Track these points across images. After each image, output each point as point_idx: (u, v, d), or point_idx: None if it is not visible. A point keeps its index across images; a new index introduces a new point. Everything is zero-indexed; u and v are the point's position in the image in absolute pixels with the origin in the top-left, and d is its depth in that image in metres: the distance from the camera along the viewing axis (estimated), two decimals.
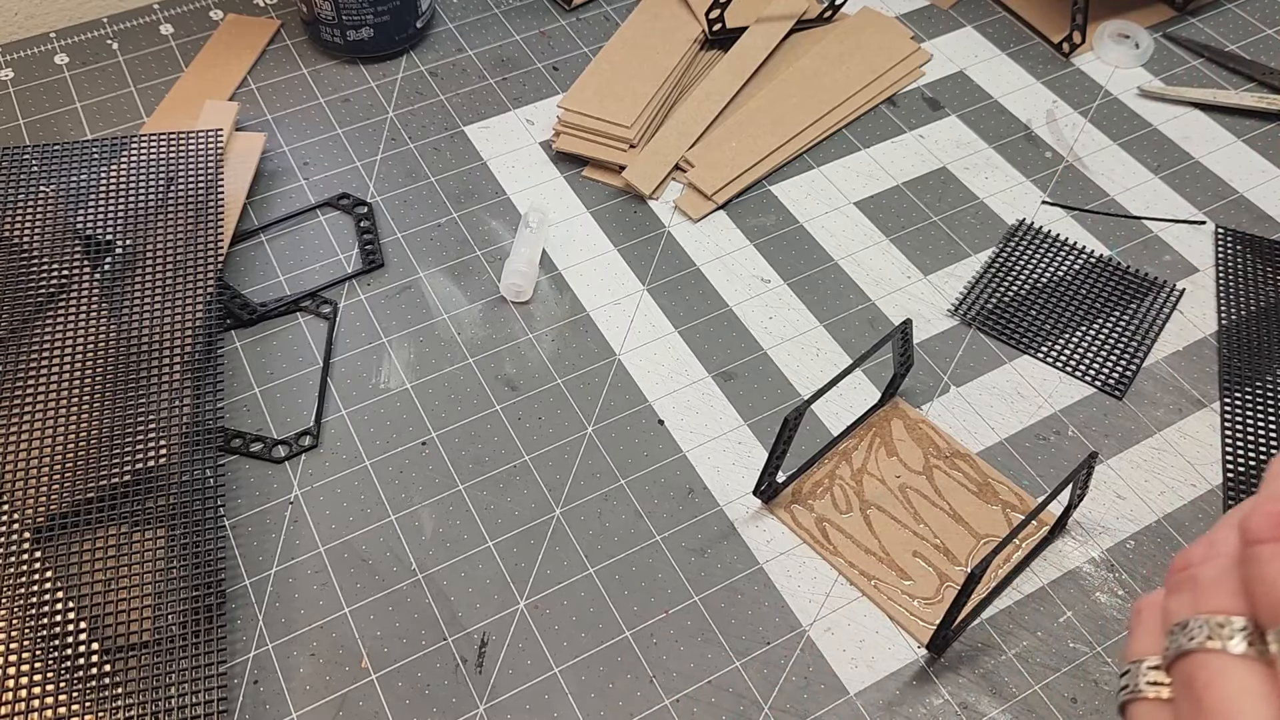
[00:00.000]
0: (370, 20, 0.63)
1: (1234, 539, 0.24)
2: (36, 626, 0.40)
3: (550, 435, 0.49)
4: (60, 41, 0.65)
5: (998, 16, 0.69)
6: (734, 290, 0.55)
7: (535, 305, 0.54)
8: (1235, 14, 0.69)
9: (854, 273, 0.55)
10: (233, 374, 0.51)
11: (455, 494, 0.47)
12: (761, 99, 0.62)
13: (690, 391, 0.51)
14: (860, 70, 0.64)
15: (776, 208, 0.58)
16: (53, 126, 0.61)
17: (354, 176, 0.59)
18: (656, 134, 0.61)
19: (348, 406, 0.50)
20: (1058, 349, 0.52)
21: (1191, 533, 0.46)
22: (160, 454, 0.44)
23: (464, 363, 0.52)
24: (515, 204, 0.58)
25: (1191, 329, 0.53)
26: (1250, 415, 0.50)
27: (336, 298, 0.54)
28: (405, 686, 0.42)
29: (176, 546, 0.43)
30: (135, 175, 0.54)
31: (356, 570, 0.45)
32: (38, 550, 0.42)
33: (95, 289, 0.49)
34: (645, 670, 0.42)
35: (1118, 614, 0.44)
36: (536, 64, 0.66)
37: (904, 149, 0.61)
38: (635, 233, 0.57)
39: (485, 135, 0.62)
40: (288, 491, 0.47)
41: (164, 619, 0.41)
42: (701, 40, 0.65)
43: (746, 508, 0.47)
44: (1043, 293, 0.54)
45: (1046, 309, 0.54)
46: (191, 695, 0.40)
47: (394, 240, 0.56)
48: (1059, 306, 0.54)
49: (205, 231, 0.52)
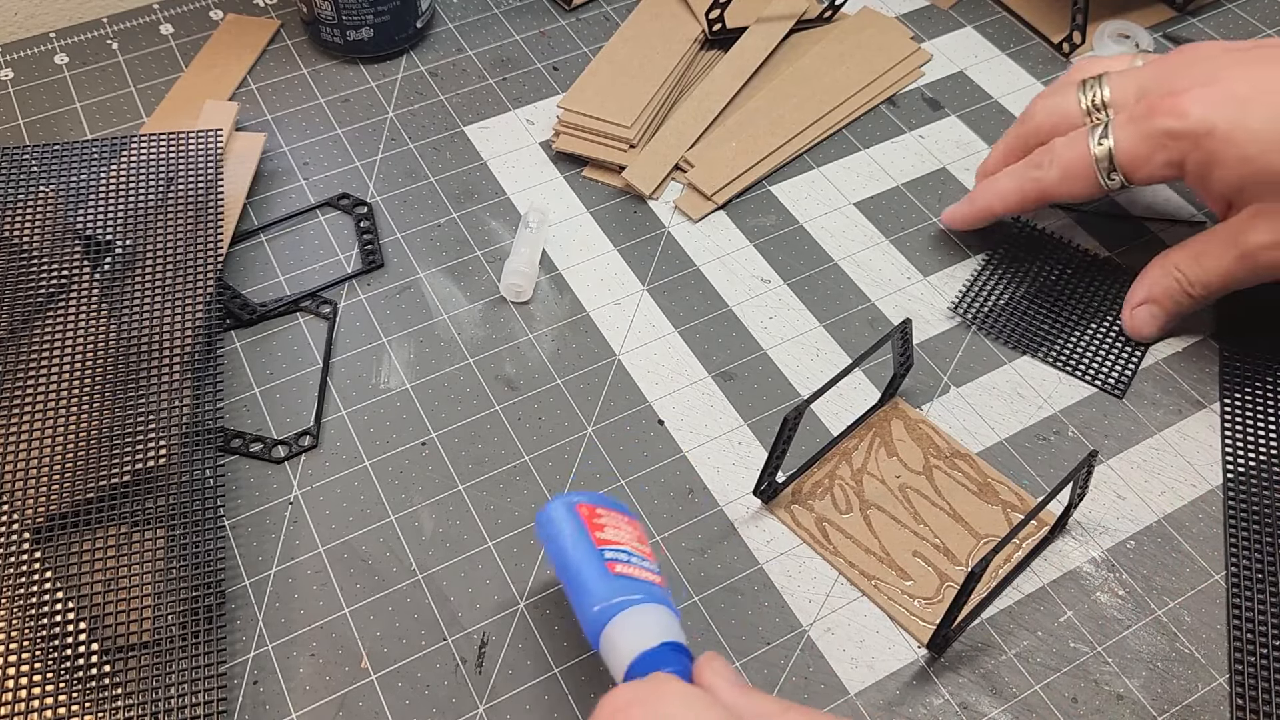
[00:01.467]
0: (370, 20, 0.63)
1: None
2: (36, 626, 0.40)
3: (550, 435, 0.49)
4: (60, 41, 0.65)
5: (998, 16, 0.69)
6: (734, 290, 0.55)
7: (535, 305, 0.54)
8: (1235, 14, 0.69)
9: (854, 273, 0.55)
10: (233, 374, 0.51)
11: (455, 494, 0.47)
12: (761, 99, 0.62)
13: (690, 392, 0.51)
14: (860, 70, 0.64)
15: (776, 208, 0.58)
16: (53, 126, 0.61)
17: (354, 176, 0.59)
18: (656, 134, 0.61)
19: (347, 406, 0.50)
20: (1057, 348, 0.52)
21: (1192, 533, 0.46)
22: (160, 454, 0.44)
23: (464, 363, 0.52)
24: (515, 204, 0.58)
25: (1191, 329, 0.53)
26: (1250, 415, 0.50)
27: (336, 298, 0.54)
28: (405, 686, 0.42)
29: (176, 547, 0.43)
30: (135, 175, 0.54)
31: (356, 570, 0.45)
32: (38, 550, 0.42)
33: (95, 289, 0.49)
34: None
35: (1118, 614, 0.44)
36: (536, 64, 0.66)
37: (904, 149, 0.61)
38: (635, 233, 0.57)
39: (485, 135, 0.62)
40: (287, 492, 0.47)
41: (164, 619, 0.41)
42: (701, 40, 0.65)
43: (746, 508, 0.47)
44: (1042, 293, 0.54)
45: (1046, 309, 0.54)
46: (191, 695, 0.40)
47: (394, 240, 0.56)
48: (1058, 307, 0.54)
49: (205, 231, 0.52)
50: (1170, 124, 0.46)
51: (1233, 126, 0.45)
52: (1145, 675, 0.42)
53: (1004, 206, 0.53)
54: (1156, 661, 0.43)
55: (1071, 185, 0.50)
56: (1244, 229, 0.47)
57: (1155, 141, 0.47)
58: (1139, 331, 0.52)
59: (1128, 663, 0.43)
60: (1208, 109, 0.45)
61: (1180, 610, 0.44)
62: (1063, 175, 0.50)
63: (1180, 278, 0.50)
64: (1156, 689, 0.42)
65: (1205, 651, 0.43)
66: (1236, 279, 0.49)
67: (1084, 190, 0.50)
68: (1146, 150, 0.47)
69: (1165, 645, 0.43)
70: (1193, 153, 0.46)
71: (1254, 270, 0.48)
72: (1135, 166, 0.48)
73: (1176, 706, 0.41)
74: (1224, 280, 0.49)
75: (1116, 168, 0.48)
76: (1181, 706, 0.41)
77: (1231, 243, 0.48)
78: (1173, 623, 0.44)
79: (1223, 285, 0.49)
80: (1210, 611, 0.44)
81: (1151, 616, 0.44)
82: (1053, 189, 0.50)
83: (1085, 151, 0.49)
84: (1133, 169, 0.48)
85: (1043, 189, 0.51)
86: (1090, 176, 0.49)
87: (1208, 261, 0.49)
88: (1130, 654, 0.43)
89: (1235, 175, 0.46)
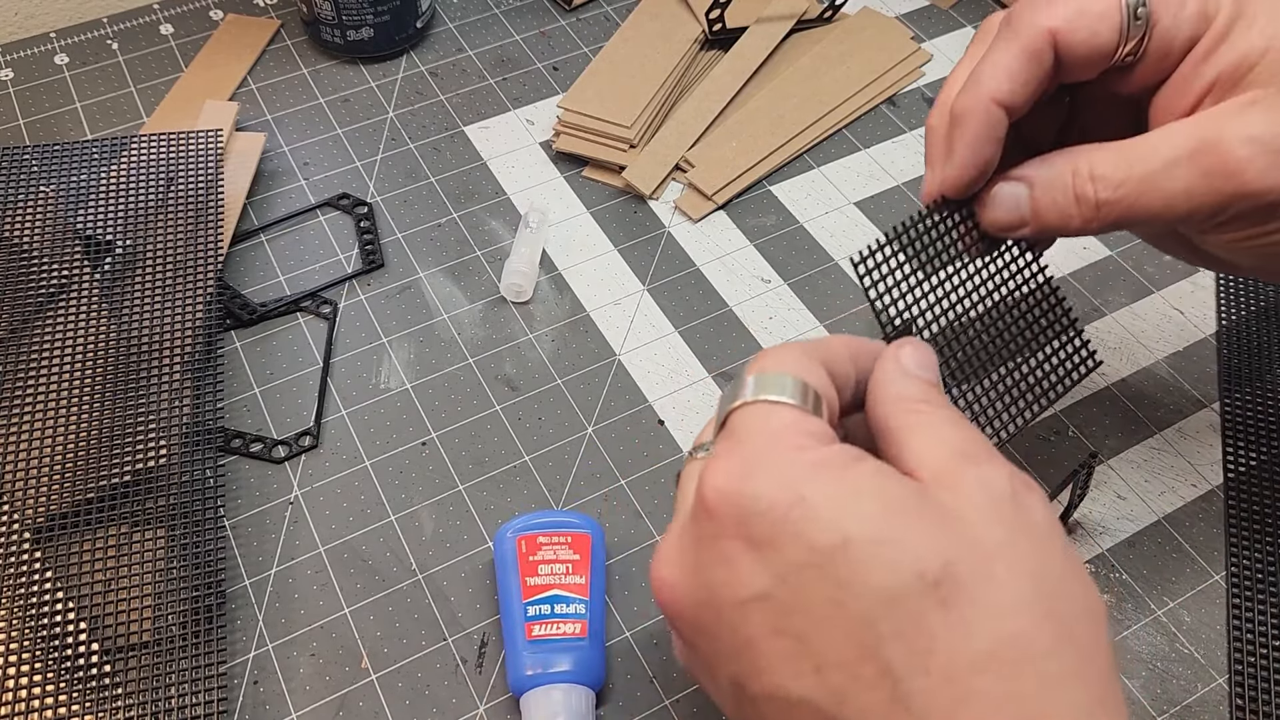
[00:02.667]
0: (370, 20, 0.63)
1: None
2: (36, 626, 0.40)
3: (550, 435, 0.49)
4: (60, 41, 0.65)
5: None
6: (734, 290, 0.55)
7: (535, 305, 0.54)
8: None
9: (854, 273, 0.55)
10: (233, 374, 0.51)
11: (455, 494, 0.47)
12: (761, 99, 0.62)
13: (690, 392, 0.51)
14: (860, 70, 0.64)
15: (776, 208, 0.58)
16: (53, 126, 0.61)
17: (354, 176, 0.59)
18: (656, 134, 0.61)
19: (348, 407, 0.50)
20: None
21: (1191, 533, 0.46)
22: (160, 454, 0.44)
23: (464, 363, 0.52)
24: (515, 204, 0.58)
25: (1191, 329, 0.53)
26: (1250, 415, 0.50)
27: (336, 298, 0.54)
28: (405, 686, 0.42)
29: (176, 547, 0.43)
30: (135, 175, 0.54)
31: (356, 570, 0.45)
32: (38, 550, 0.42)
33: (95, 289, 0.49)
34: (645, 671, 0.42)
35: (1118, 614, 0.44)
36: (536, 64, 0.66)
37: (904, 149, 0.61)
38: (635, 233, 0.57)
39: (485, 135, 0.62)
40: (288, 492, 0.47)
41: (164, 619, 0.41)
42: (701, 40, 0.65)
43: None
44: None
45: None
46: (191, 695, 0.40)
47: (394, 240, 0.56)
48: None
49: (205, 231, 0.52)
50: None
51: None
52: (1145, 675, 0.42)
53: (1009, 87, 0.34)
54: (1156, 662, 0.43)
55: (1088, 25, 0.33)
56: (1224, 114, 0.32)
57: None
58: (988, 210, 0.36)
59: (1127, 663, 0.43)
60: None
61: (1180, 610, 0.44)
62: (1077, 10, 0.33)
63: (1084, 171, 0.34)
64: (1156, 689, 0.42)
65: (1205, 652, 0.43)
66: (1171, 197, 0.32)
67: (1098, 35, 0.33)
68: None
69: (1165, 645, 0.43)
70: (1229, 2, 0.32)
71: (1210, 188, 0.32)
72: (1166, 4, 0.33)
73: (1176, 707, 0.42)
74: (1151, 183, 0.32)
75: (1146, 2, 0.33)
76: (1181, 707, 0.42)
77: (1193, 129, 0.32)
78: (1172, 623, 0.44)
79: (1140, 195, 0.33)
80: (1210, 612, 0.44)
81: (1151, 617, 0.44)
82: (1062, 26, 0.33)
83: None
84: (1163, 6, 0.33)
85: (1049, 31, 0.33)
86: (1112, 12, 0.33)
87: (1141, 153, 0.33)
88: (1130, 654, 0.43)
89: (1264, 38, 0.32)
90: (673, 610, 0.30)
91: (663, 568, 0.30)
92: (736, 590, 0.27)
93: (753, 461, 0.28)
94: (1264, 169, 0.31)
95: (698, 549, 0.29)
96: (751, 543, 0.27)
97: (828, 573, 0.26)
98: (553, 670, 0.40)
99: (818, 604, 0.26)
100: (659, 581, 0.30)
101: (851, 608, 0.26)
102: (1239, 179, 0.31)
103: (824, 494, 0.27)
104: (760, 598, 0.27)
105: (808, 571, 0.26)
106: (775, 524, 0.27)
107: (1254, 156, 0.31)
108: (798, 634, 0.26)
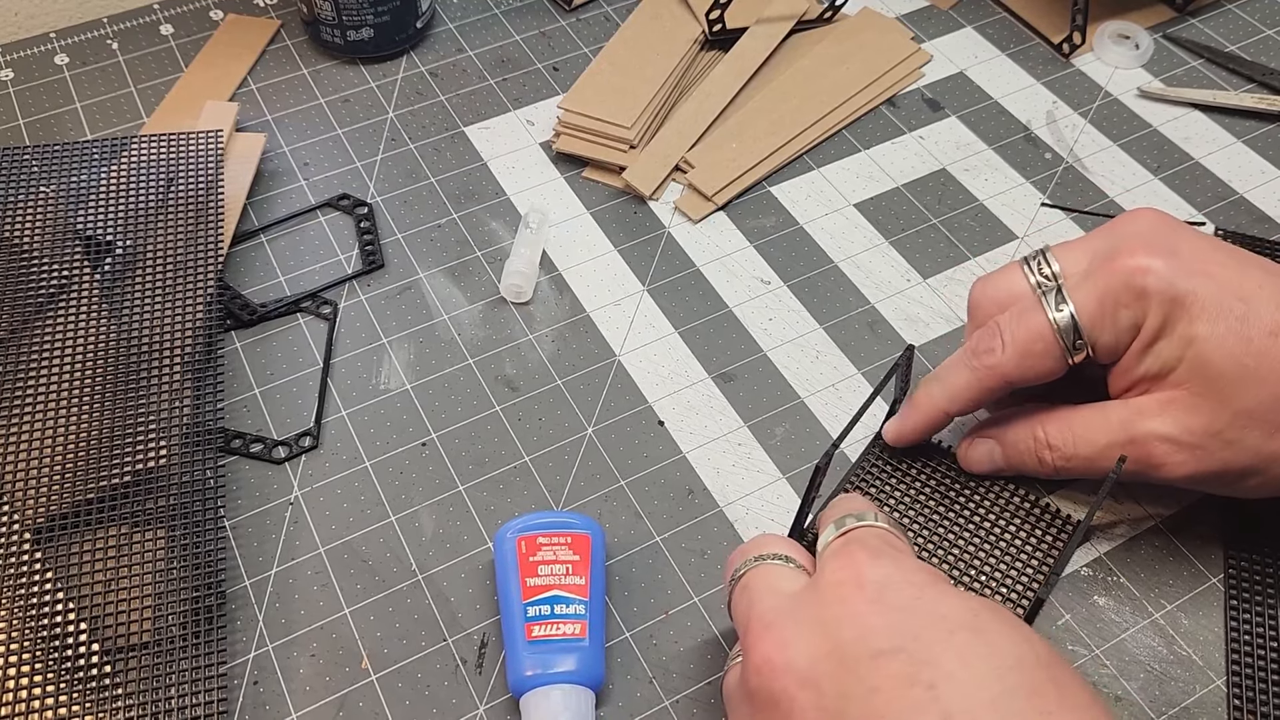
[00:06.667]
0: (370, 20, 0.63)
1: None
2: (36, 626, 0.40)
3: (550, 436, 0.49)
4: (60, 41, 0.65)
5: (998, 17, 0.69)
6: (734, 291, 0.55)
7: (535, 306, 0.54)
8: (1235, 14, 0.69)
9: (853, 275, 0.55)
10: (233, 374, 0.51)
11: (455, 494, 0.47)
12: (761, 100, 0.62)
13: (690, 393, 0.51)
14: (860, 71, 0.64)
15: (776, 209, 0.58)
16: (53, 126, 0.61)
17: (354, 177, 0.59)
18: (656, 135, 0.61)
19: (348, 407, 0.50)
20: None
21: (1189, 536, 0.46)
22: (160, 455, 0.44)
23: (464, 363, 0.52)
24: (515, 204, 0.58)
25: None
26: None
27: (336, 298, 0.54)
28: (405, 687, 0.42)
29: (176, 547, 0.43)
30: (135, 176, 0.54)
31: (356, 571, 0.45)
32: (38, 550, 0.42)
33: (95, 289, 0.49)
34: (645, 671, 0.42)
35: (1116, 616, 0.44)
36: (536, 64, 0.66)
37: (904, 150, 0.61)
38: (635, 233, 0.57)
39: (485, 136, 0.62)
40: (288, 492, 0.47)
41: (164, 619, 0.41)
42: (702, 41, 0.65)
43: (746, 509, 0.47)
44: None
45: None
46: (191, 696, 0.40)
47: (394, 241, 0.56)
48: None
49: (205, 232, 0.52)
50: (1135, 279, 0.40)
51: (1201, 295, 0.40)
52: (1143, 678, 0.42)
53: (959, 405, 0.44)
54: (1154, 664, 0.43)
55: (1034, 364, 0.42)
56: (1146, 412, 0.41)
57: (1117, 297, 0.40)
58: (968, 461, 0.46)
59: (1126, 665, 0.43)
60: (1175, 274, 0.40)
61: (1178, 613, 0.44)
62: (1021, 354, 0.42)
63: (1041, 439, 0.43)
64: (1154, 691, 0.42)
65: (1203, 654, 0.43)
66: (1107, 463, 0.42)
67: (1046, 368, 0.42)
68: (1111, 306, 0.41)
69: (1163, 648, 0.43)
70: (1154, 313, 0.40)
71: (1142, 473, 0.42)
72: (1100, 328, 0.41)
73: (1174, 709, 0.42)
74: (1095, 460, 0.42)
75: (1082, 333, 0.41)
76: (1179, 709, 0.42)
77: (1123, 424, 0.41)
78: (1170, 625, 0.44)
79: (1088, 466, 0.42)
80: (1208, 614, 0.44)
81: (1149, 619, 0.44)
82: (1012, 372, 0.42)
83: (1043, 321, 0.41)
84: (1098, 331, 0.41)
85: (1002, 374, 0.43)
86: (1053, 349, 0.41)
87: (1085, 434, 0.42)
88: (1128, 656, 0.43)
89: (1179, 349, 0.40)
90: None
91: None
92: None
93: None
94: (1180, 462, 0.41)
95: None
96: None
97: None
98: (553, 671, 0.40)
99: None
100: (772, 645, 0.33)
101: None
102: (1161, 470, 0.41)
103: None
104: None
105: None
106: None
107: (1170, 453, 0.40)
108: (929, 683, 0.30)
